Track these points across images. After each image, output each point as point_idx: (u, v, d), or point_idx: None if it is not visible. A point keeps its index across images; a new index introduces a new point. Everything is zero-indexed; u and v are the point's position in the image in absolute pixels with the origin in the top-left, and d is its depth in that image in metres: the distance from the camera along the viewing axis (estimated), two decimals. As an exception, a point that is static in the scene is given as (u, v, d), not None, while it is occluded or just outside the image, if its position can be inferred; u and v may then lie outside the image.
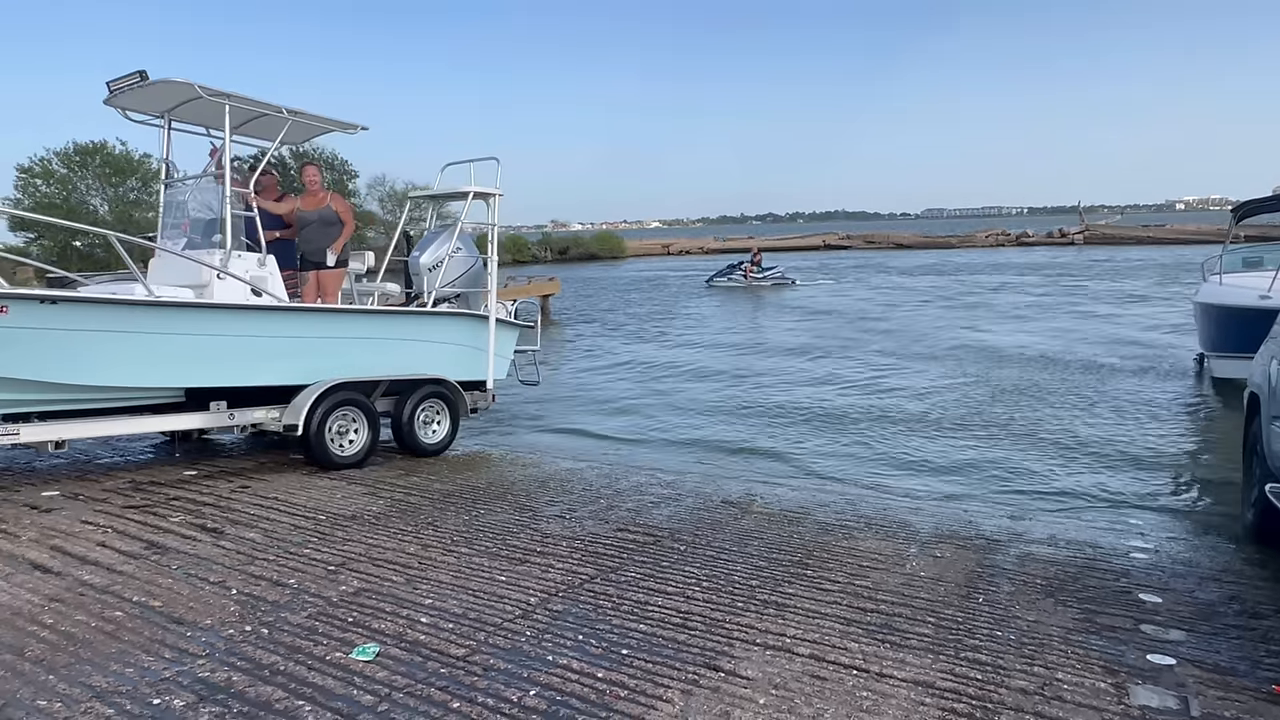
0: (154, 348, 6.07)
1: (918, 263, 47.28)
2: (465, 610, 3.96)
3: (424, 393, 7.66)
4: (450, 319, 8.02)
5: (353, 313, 7.42)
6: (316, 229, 7.62)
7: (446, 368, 7.86)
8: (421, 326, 7.77)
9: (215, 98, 6.62)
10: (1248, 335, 7.33)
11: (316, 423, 6.74)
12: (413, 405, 7.57)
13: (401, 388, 7.60)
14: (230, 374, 6.54)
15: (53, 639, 3.62)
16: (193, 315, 6.27)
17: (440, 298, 8.11)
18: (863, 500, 6.32)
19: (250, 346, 6.55)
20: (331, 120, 7.58)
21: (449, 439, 7.91)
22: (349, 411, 7.04)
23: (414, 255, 8.42)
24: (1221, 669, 3.42)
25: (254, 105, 6.98)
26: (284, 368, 6.77)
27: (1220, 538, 5.58)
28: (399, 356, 7.52)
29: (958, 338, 17.75)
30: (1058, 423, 9.95)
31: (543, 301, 26.16)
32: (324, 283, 7.65)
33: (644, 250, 69.60)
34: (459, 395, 7.93)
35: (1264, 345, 5.61)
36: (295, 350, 6.81)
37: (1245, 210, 12.82)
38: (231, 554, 4.76)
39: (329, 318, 7.18)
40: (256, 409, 6.81)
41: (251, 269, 6.83)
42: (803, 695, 3.15)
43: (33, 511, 5.58)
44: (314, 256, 7.65)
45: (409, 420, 7.56)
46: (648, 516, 5.67)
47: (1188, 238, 55.47)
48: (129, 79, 6.57)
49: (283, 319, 6.83)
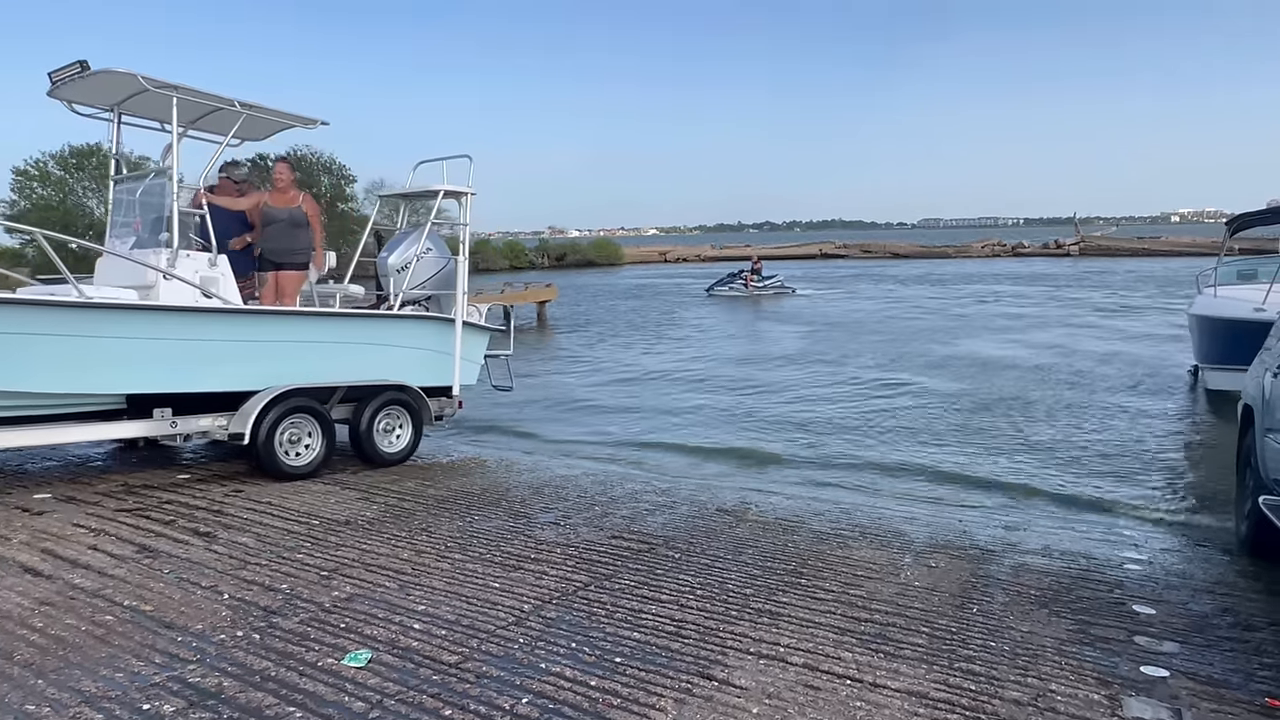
0: (87, 352, 5.75)
1: (914, 272, 47.40)
2: (458, 617, 3.95)
3: (384, 399, 7.35)
4: (414, 322, 7.73)
5: (307, 315, 7.08)
6: (283, 229, 7.28)
7: (409, 373, 7.55)
8: (382, 330, 7.47)
9: (161, 90, 6.35)
10: (1242, 347, 7.35)
11: (266, 431, 6.44)
12: (372, 412, 7.26)
13: (361, 394, 7.29)
14: (173, 380, 6.20)
15: (42, 643, 3.60)
16: (129, 318, 5.95)
17: (410, 300, 7.85)
18: (858, 509, 6.32)
19: (194, 350, 6.23)
20: (290, 115, 7.27)
21: (411, 448, 7.61)
22: (302, 419, 6.75)
23: (382, 256, 8.16)
24: (1215, 681, 3.42)
25: (204, 98, 6.66)
26: (232, 373, 6.47)
27: (1214, 550, 5.58)
28: (358, 361, 7.23)
29: (952, 348, 17.79)
30: (1051, 433, 9.96)
31: (539, 308, 26.18)
32: (282, 284, 7.32)
33: (641, 257, 69.75)
34: (422, 402, 7.63)
35: (1258, 357, 5.63)
36: (244, 354, 6.49)
37: (1240, 223, 12.87)
38: (224, 558, 4.74)
39: (281, 321, 6.86)
40: (203, 416, 6.52)
41: (202, 269, 6.53)
42: (796, 705, 3.14)
43: (24, 514, 5.55)
44: (275, 256, 7.31)
45: (368, 428, 7.24)
46: (642, 524, 5.66)
47: (1183, 250, 55.74)
48: (69, 70, 6.28)
49: (230, 322, 6.51)
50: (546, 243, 69.63)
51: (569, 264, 60.12)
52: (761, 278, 33.16)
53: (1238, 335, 9.72)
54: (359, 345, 7.25)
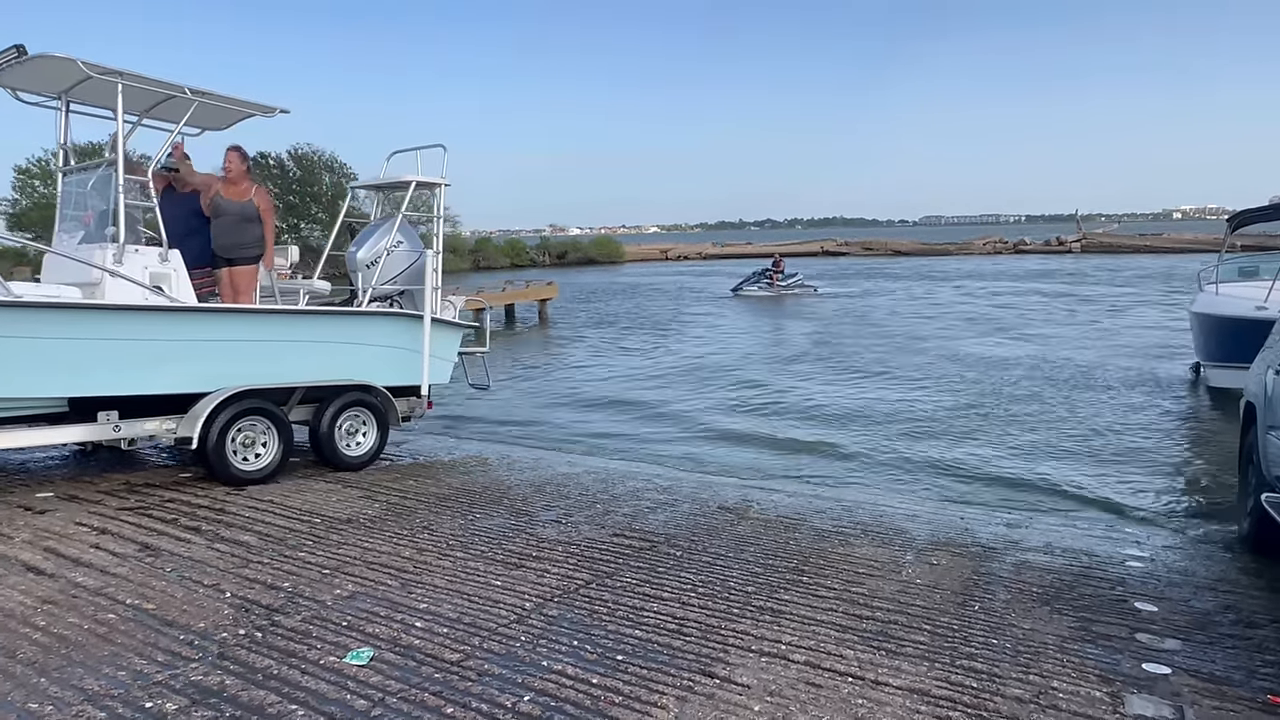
0: (21, 354, 5.47)
1: (916, 270, 47.36)
2: (460, 615, 3.95)
3: (347, 400, 7.00)
4: (381, 319, 7.37)
5: (262, 313, 6.73)
6: (233, 223, 6.87)
7: (375, 372, 7.19)
8: (345, 328, 7.12)
9: (105, 76, 6.01)
10: (1244, 345, 7.35)
11: (216, 434, 6.13)
12: (333, 414, 6.91)
13: (322, 394, 6.94)
14: (116, 382, 5.87)
15: (45, 641, 3.60)
16: (67, 317, 5.63)
17: (382, 296, 7.57)
18: (859, 507, 6.32)
19: (140, 351, 5.91)
20: (247, 102, 6.86)
21: (375, 451, 7.26)
22: (256, 421, 6.43)
23: (351, 250, 7.86)
24: (1217, 678, 3.42)
25: (150, 84, 6.27)
26: (180, 374, 6.13)
27: (1216, 547, 5.58)
28: (318, 360, 6.87)
29: (954, 346, 17.78)
30: (1053, 430, 9.96)
31: (540, 306, 26.19)
32: (236, 280, 6.91)
33: (642, 255, 69.75)
34: (389, 403, 7.28)
35: (1260, 355, 5.63)
36: (194, 354, 6.16)
37: (1241, 220, 12.86)
38: (226, 557, 4.75)
39: (234, 319, 6.50)
40: (150, 420, 6.17)
41: (151, 265, 6.18)
42: (798, 702, 3.14)
43: (27, 513, 5.56)
44: (225, 252, 6.90)
45: (328, 430, 6.89)
46: (644, 521, 5.66)
47: (1184, 246, 55.75)
48: (6, 55, 5.95)
49: (177, 320, 6.15)
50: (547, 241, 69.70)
51: (570, 262, 60.13)
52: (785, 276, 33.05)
53: (1239, 333, 9.72)
54: (319, 344, 6.91)
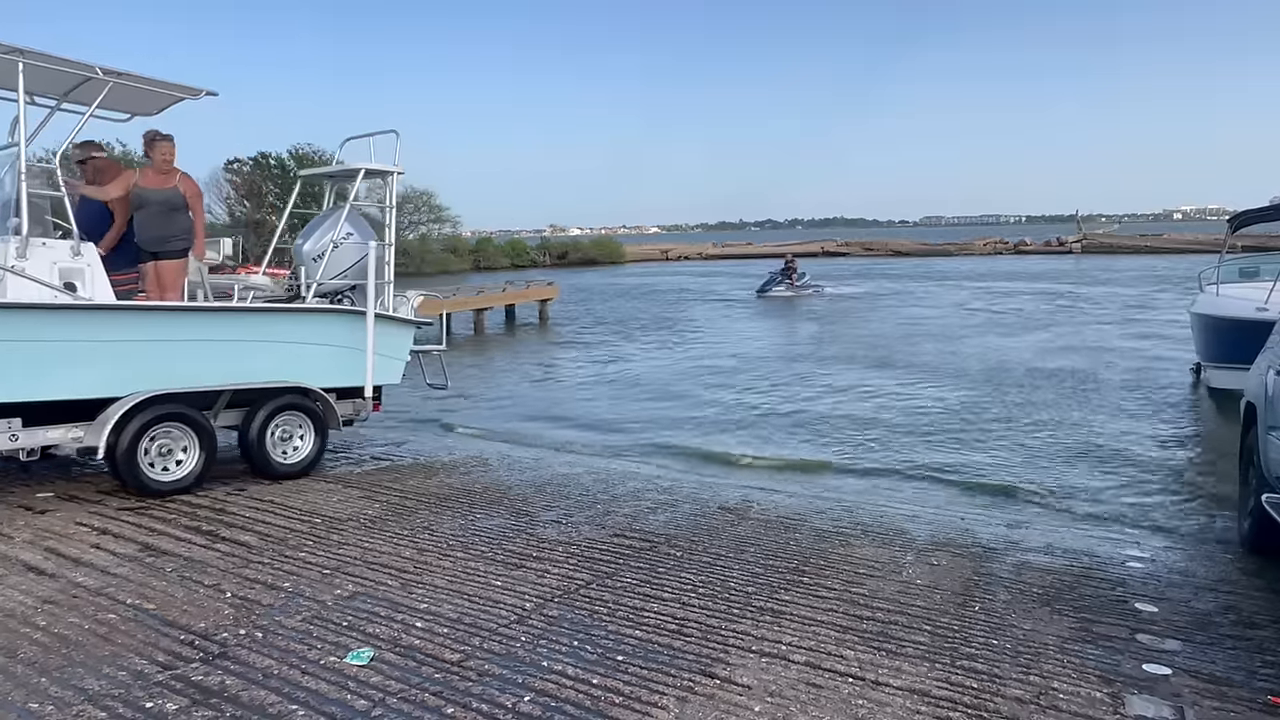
0: None
1: (916, 270, 47.35)
2: (460, 615, 3.95)
3: (279, 404, 6.52)
4: (320, 316, 6.92)
5: (184, 311, 6.25)
6: (157, 214, 6.36)
7: (313, 373, 6.71)
8: (279, 326, 6.63)
9: (4, 55, 5.48)
10: (1244, 346, 7.34)
11: (127, 443, 5.67)
12: (264, 419, 6.44)
13: (252, 397, 6.46)
14: (15, 387, 5.40)
15: (46, 641, 3.60)
16: None
17: (332, 291, 7.16)
18: (859, 507, 6.32)
19: (44, 353, 5.46)
20: (169, 84, 6.36)
21: (313, 458, 6.76)
22: (174, 428, 5.97)
23: (297, 243, 7.41)
24: (1217, 679, 3.42)
25: (56, 64, 5.77)
26: (90, 378, 5.67)
27: (1216, 547, 5.58)
28: (248, 361, 6.40)
29: (955, 346, 17.77)
30: (1054, 431, 9.96)
31: (541, 307, 26.16)
32: (162, 275, 6.41)
33: (643, 255, 69.73)
34: (328, 406, 6.80)
35: (1260, 356, 5.62)
36: (104, 356, 5.70)
37: (1241, 220, 12.85)
38: (226, 557, 4.75)
39: (150, 317, 6.02)
40: (53, 428, 5.68)
41: (61, 260, 5.73)
42: (798, 703, 3.14)
43: (27, 513, 5.56)
44: (150, 245, 6.41)
45: (258, 436, 6.42)
46: (644, 522, 5.66)
47: (1185, 247, 55.73)
48: None
49: (87, 320, 5.69)
50: (548, 241, 69.68)
51: (571, 262, 60.10)
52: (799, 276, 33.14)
53: (1240, 334, 9.72)
54: (249, 343, 6.44)
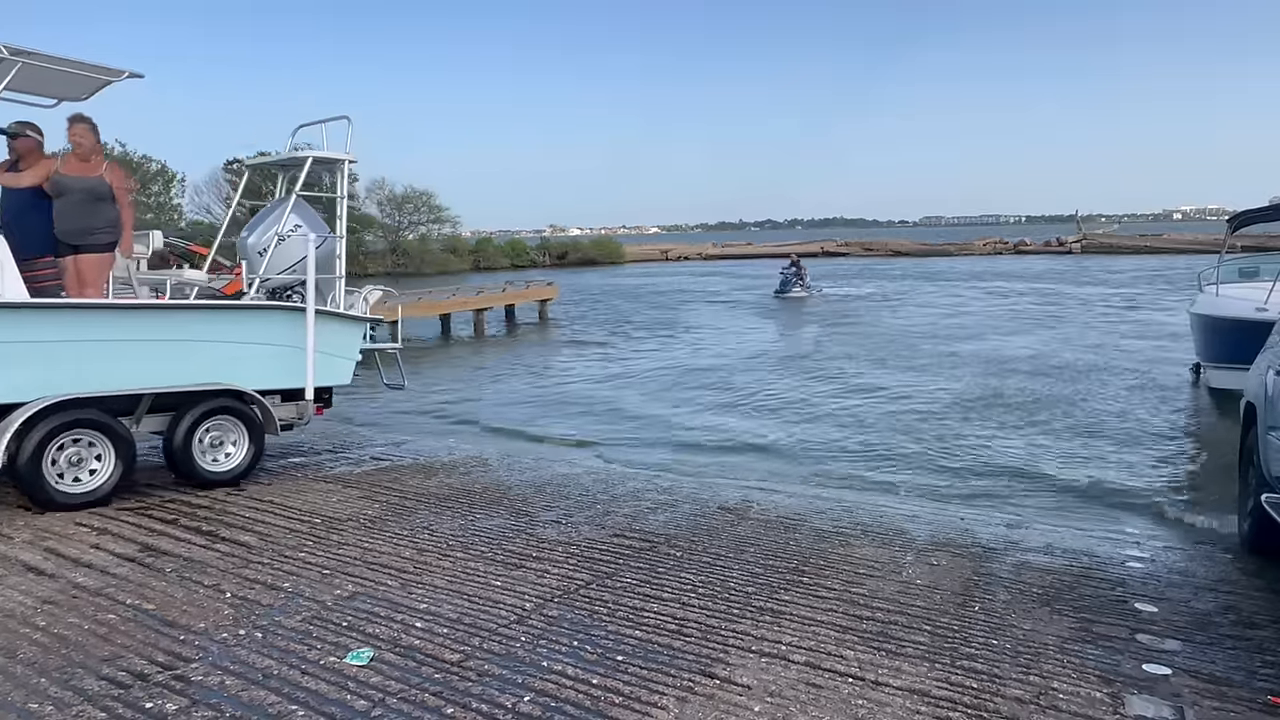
0: None
1: (916, 270, 47.35)
2: (460, 615, 3.95)
3: (207, 408, 6.13)
4: (256, 313, 6.51)
5: (100, 309, 5.88)
6: (79, 203, 5.98)
7: (247, 374, 6.34)
8: (209, 324, 6.24)
9: None
10: (1244, 346, 7.35)
11: (30, 452, 5.29)
12: (190, 424, 6.05)
13: (177, 401, 6.06)
14: None
15: (45, 641, 3.60)
16: None
17: (280, 286, 6.80)
18: (859, 507, 6.31)
19: None
20: (86, 65, 5.93)
21: (246, 464, 6.37)
22: (86, 436, 5.58)
23: (242, 236, 7.08)
24: (1217, 679, 3.42)
25: None
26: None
27: (1216, 547, 5.57)
28: (173, 362, 6.02)
29: (953, 346, 17.77)
30: (1053, 431, 9.96)
31: (541, 307, 26.15)
32: (83, 270, 6.04)
33: (643, 255, 69.70)
34: (264, 410, 6.42)
35: (1260, 356, 5.62)
36: (9, 359, 5.34)
37: (1241, 220, 12.85)
38: (226, 557, 4.75)
39: (60, 316, 5.62)
40: None
41: None
42: (798, 703, 3.14)
43: (27, 513, 5.55)
44: (70, 238, 6.01)
45: (184, 443, 6.02)
46: (644, 522, 5.66)
47: (1185, 247, 55.71)
48: None
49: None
50: (548, 241, 69.68)
51: (570, 262, 60.12)
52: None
53: (1240, 334, 9.72)
54: (175, 343, 6.06)
